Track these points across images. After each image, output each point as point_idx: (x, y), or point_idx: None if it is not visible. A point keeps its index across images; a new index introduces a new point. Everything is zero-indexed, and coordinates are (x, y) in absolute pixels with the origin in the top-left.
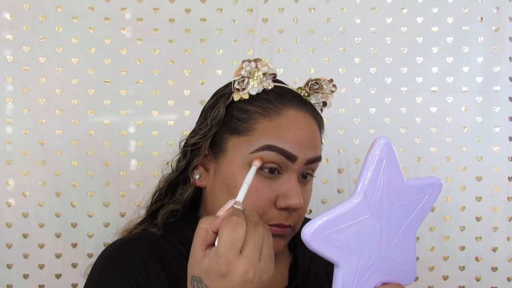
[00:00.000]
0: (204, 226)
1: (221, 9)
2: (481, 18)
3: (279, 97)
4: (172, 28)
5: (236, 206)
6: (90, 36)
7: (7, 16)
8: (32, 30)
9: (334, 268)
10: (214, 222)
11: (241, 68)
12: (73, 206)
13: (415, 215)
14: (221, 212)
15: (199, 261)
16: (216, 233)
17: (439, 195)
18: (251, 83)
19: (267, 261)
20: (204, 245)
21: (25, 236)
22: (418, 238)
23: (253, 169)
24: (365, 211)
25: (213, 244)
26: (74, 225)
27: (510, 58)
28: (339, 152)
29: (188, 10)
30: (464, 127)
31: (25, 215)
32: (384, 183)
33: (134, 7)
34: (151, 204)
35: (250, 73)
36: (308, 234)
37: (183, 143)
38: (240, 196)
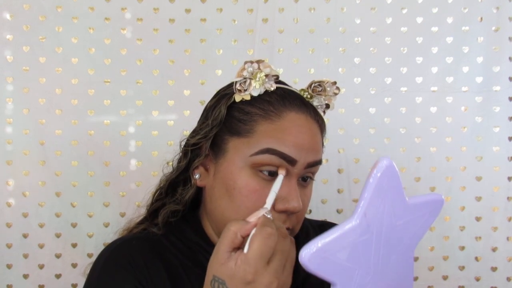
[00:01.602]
0: (234, 229)
1: (221, 9)
2: (481, 18)
3: (281, 99)
4: (172, 28)
5: (267, 215)
6: (90, 36)
7: (7, 16)
8: (32, 30)
9: (331, 287)
10: (245, 227)
11: (243, 69)
12: (73, 206)
13: (416, 232)
14: (252, 219)
15: (223, 263)
16: (244, 238)
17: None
18: (253, 84)
19: (289, 273)
20: (231, 248)
21: (25, 236)
22: None
23: (280, 178)
24: (364, 231)
25: (239, 248)
26: (74, 225)
27: (510, 58)
28: (339, 152)
29: (188, 10)
30: (464, 127)
31: (25, 215)
32: (385, 204)
33: (134, 7)
34: (152, 203)
35: (252, 74)
36: (306, 257)
37: (183, 143)
38: (269, 204)
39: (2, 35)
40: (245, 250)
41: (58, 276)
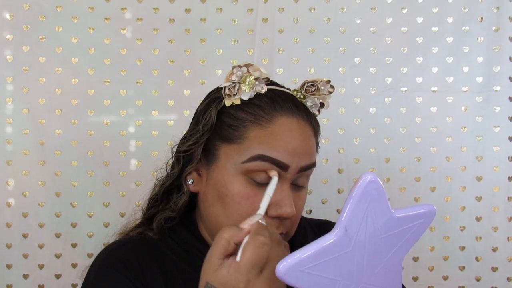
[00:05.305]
0: (227, 237)
1: (221, 9)
2: (481, 18)
3: (272, 103)
4: (172, 28)
5: (261, 221)
6: (90, 36)
7: (7, 16)
8: (32, 30)
9: None
10: (238, 234)
11: (232, 73)
12: (73, 206)
13: (404, 243)
14: (246, 225)
15: (216, 270)
16: (237, 245)
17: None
18: (243, 88)
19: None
20: (223, 255)
21: (25, 236)
22: None
23: (274, 180)
24: (346, 245)
25: (232, 254)
26: (74, 225)
27: (510, 58)
28: (339, 152)
29: (188, 10)
30: (464, 127)
31: (25, 215)
32: (368, 218)
33: (134, 7)
34: (147, 209)
35: (241, 78)
36: (282, 271)
37: (175, 148)
38: (262, 209)
39: (2, 35)
40: (238, 258)
41: (58, 276)
